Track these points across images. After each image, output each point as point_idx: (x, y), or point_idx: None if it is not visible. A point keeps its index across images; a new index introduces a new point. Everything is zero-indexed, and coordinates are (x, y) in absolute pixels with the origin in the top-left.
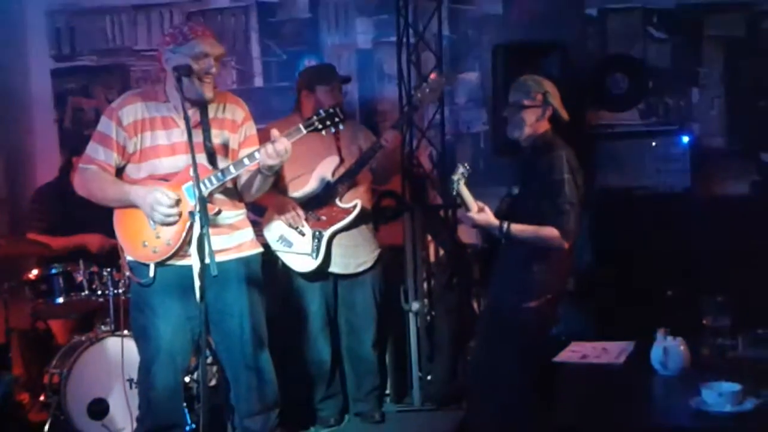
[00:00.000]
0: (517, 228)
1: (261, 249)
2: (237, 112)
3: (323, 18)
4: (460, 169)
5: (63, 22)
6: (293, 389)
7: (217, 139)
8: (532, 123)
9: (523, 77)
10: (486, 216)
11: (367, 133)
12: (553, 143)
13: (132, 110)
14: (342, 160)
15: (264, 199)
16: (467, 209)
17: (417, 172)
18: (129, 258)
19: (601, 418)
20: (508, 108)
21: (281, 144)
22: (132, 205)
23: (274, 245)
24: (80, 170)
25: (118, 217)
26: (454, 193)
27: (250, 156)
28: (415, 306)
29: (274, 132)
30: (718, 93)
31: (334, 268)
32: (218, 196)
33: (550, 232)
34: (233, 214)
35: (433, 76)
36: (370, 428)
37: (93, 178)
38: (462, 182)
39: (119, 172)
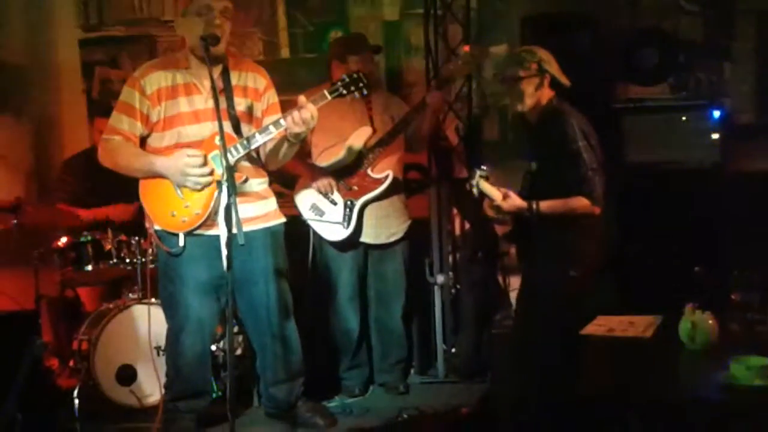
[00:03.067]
0: (546, 205)
1: (284, 219)
2: (259, 79)
3: None
4: (477, 173)
5: None
6: (319, 358)
7: (240, 106)
8: (532, 93)
9: (516, 49)
10: (512, 201)
11: (399, 103)
12: (561, 111)
13: (154, 78)
14: (374, 130)
15: (296, 168)
16: (492, 200)
17: (443, 145)
18: (157, 228)
19: (628, 392)
20: (504, 82)
21: (307, 111)
22: (158, 175)
23: (306, 214)
24: (104, 141)
25: (144, 187)
26: (477, 195)
27: (276, 123)
28: (440, 279)
29: (301, 98)
30: (751, 68)
31: (365, 238)
32: (244, 164)
33: (579, 201)
34: (257, 182)
35: (465, 48)
36: (394, 399)
37: (117, 149)
38: (482, 182)
39: (142, 141)
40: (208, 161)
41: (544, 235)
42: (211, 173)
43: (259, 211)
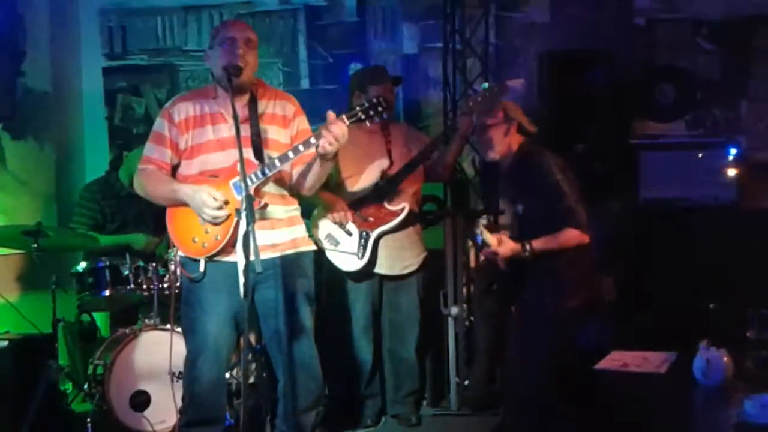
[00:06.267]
0: (538, 243)
1: (314, 246)
2: (288, 107)
3: (370, 22)
4: (483, 221)
5: (115, 22)
6: (334, 389)
7: (266, 134)
8: (501, 140)
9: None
10: (507, 245)
11: (418, 135)
12: (532, 152)
13: (183, 107)
14: (392, 162)
15: (314, 197)
16: (488, 247)
17: (459, 178)
18: (181, 254)
19: (641, 427)
20: (475, 131)
21: (338, 128)
22: (182, 203)
23: (321, 243)
24: (138, 171)
25: (170, 214)
26: (480, 243)
27: (295, 149)
28: (454, 310)
29: (331, 115)
30: (767, 106)
31: (379, 269)
32: (269, 191)
33: (569, 233)
34: (285, 209)
35: (487, 85)
36: (406, 431)
37: (149, 178)
38: (485, 232)
39: (174, 170)
40: (230, 195)
41: (535, 271)
42: (229, 214)
43: (286, 237)
